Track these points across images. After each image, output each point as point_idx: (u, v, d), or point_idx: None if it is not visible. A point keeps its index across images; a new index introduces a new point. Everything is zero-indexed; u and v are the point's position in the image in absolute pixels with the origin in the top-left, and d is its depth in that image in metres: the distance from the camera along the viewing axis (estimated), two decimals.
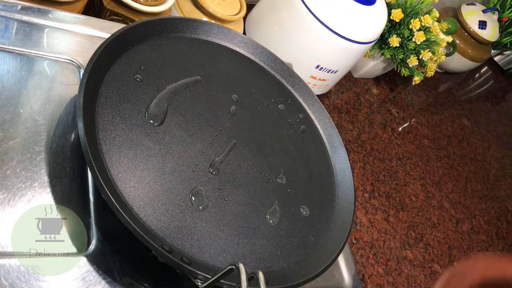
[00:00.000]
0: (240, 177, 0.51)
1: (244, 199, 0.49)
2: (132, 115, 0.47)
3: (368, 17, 0.77)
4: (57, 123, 0.48)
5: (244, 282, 0.33)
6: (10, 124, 0.44)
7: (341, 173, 0.62)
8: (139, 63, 0.52)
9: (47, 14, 0.54)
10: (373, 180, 0.91)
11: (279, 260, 0.48)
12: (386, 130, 1.05)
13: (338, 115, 0.99)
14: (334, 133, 0.65)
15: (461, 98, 1.37)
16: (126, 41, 0.51)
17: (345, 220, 0.55)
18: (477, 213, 1.03)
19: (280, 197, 0.53)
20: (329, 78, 0.85)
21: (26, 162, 0.43)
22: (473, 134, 1.25)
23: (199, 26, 0.61)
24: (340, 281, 0.58)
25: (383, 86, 1.16)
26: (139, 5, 0.64)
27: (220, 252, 0.44)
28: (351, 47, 0.77)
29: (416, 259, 0.83)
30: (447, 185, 1.03)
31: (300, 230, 0.52)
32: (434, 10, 0.95)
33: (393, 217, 0.87)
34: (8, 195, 0.40)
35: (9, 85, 0.47)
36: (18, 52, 0.50)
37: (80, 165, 0.46)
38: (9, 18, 0.51)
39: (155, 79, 0.52)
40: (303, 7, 0.73)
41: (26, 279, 0.38)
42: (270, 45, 0.69)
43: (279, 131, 0.61)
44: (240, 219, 0.48)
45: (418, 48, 0.95)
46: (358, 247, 0.77)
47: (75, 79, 0.52)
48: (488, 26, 1.25)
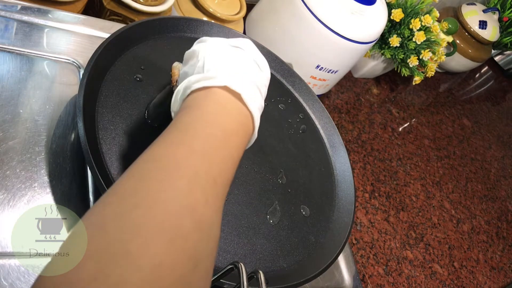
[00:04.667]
0: (240, 177, 0.51)
1: (244, 199, 0.49)
2: (132, 115, 0.47)
3: (368, 17, 0.77)
4: (57, 123, 0.48)
5: (244, 281, 0.33)
6: (10, 124, 0.44)
7: (341, 173, 0.62)
8: (139, 63, 0.52)
9: (47, 14, 0.54)
10: (374, 180, 0.91)
11: (279, 260, 0.48)
12: (387, 130, 1.05)
13: (338, 115, 0.99)
14: (335, 133, 0.65)
15: (461, 98, 1.37)
16: (126, 41, 0.51)
17: (345, 220, 0.55)
18: (478, 213, 1.02)
19: (280, 197, 0.53)
20: (329, 78, 0.85)
21: (26, 162, 0.43)
22: (473, 134, 1.25)
23: (199, 25, 0.61)
24: (340, 281, 0.57)
25: (383, 86, 1.16)
26: (139, 5, 0.63)
27: (220, 252, 0.44)
28: (351, 47, 0.77)
29: (416, 259, 0.83)
30: (448, 185, 1.03)
31: (300, 230, 0.52)
32: (435, 10, 0.95)
33: (394, 217, 0.87)
34: (8, 195, 0.40)
35: (9, 85, 0.47)
36: (18, 52, 0.50)
37: (80, 165, 0.46)
38: (9, 18, 0.51)
39: (155, 79, 0.52)
40: (303, 7, 0.73)
41: (26, 279, 0.37)
42: (270, 45, 0.69)
43: (279, 131, 0.61)
44: (240, 219, 0.47)
45: (419, 48, 0.94)
46: (359, 247, 0.77)
47: (75, 79, 0.52)
48: (489, 26, 1.25)
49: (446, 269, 0.86)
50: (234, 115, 0.33)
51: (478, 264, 0.92)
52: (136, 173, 0.27)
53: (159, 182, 0.26)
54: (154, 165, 0.28)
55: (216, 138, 0.31)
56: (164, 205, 0.25)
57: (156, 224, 0.23)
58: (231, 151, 0.32)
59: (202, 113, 0.32)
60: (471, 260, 0.91)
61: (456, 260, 0.89)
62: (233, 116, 0.33)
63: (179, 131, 0.31)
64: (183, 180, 0.26)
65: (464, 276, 0.87)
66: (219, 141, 0.31)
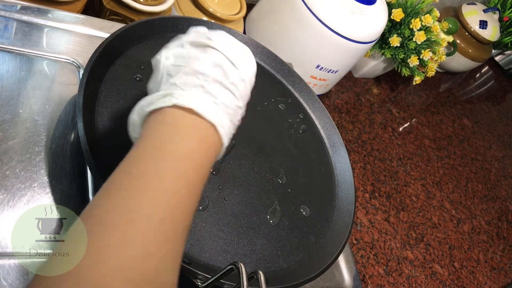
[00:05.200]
0: (240, 177, 0.51)
1: (244, 199, 0.49)
2: None
3: (368, 16, 0.77)
4: (57, 123, 0.47)
5: (244, 282, 0.33)
6: (10, 124, 0.44)
7: (341, 173, 0.61)
8: (139, 62, 0.52)
9: (47, 13, 0.54)
10: (374, 180, 0.91)
11: (279, 260, 0.47)
12: (387, 130, 1.05)
13: (339, 115, 0.98)
14: (335, 133, 0.65)
15: (461, 98, 1.37)
16: (126, 40, 0.51)
17: (345, 220, 0.55)
18: (478, 213, 1.02)
19: (280, 197, 0.53)
20: (330, 78, 0.85)
21: (26, 162, 0.43)
22: (473, 134, 1.25)
23: (199, 25, 0.61)
24: (341, 282, 0.57)
25: (383, 86, 1.16)
26: (139, 4, 0.63)
27: (220, 252, 0.44)
28: (352, 47, 0.77)
29: (416, 259, 0.83)
30: (448, 185, 1.03)
31: (300, 230, 0.52)
32: (435, 9, 0.95)
33: (394, 218, 0.86)
34: (7, 196, 0.40)
35: (9, 85, 0.47)
36: (18, 52, 0.50)
37: (80, 165, 0.46)
38: (8, 17, 0.51)
39: None
40: (303, 7, 0.73)
41: (26, 279, 0.37)
42: (270, 45, 0.69)
43: (279, 131, 0.60)
44: (240, 219, 0.47)
45: (419, 47, 0.94)
46: (359, 248, 0.77)
47: (75, 79, 0.52)
48: (489, 26, 1.25)
49: (447, 269, 0.86)
50: (189, 135, 0.31)
51: (479, 264, 0.92)
52: (77, 230, 0.26)
53: (98, 237, 0.25)
54: (90, 220, 0.26)
55: (167, 168, 0.29)
56: (102, 264, 0.24)
57: (97, 281, 0.23)
58: (186, 176, 0.30)
59: (151, 141, 0.30)
60: (471, 260, 0.91)
61: (456, 260, 0.89)
62: (188, 136, 0.31)
63: (125, 170, 0.29)
64: (115, 237, 0.25)
65: (464, 276, 0.87)
66: (170, 171, 0.29)
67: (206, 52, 0.35)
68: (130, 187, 0.27)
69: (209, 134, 0.33)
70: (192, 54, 0.35)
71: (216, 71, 0.34)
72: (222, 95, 0.34)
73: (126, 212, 0.26)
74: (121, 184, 0.28)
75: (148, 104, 0.33)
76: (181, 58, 0.35)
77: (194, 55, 0.35)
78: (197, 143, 0.32)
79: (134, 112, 0.34)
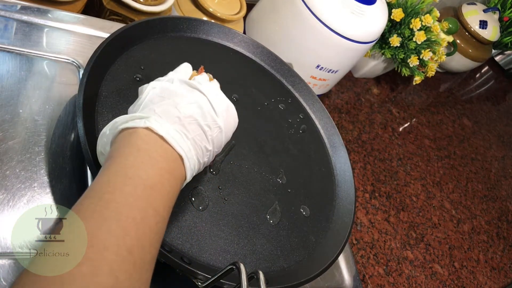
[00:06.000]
0: (240, 177, 0.51)
1: (244, 199, 0.49)
2: None
3: (368, 16, 0.77)
4: (57, 123, 0.47)
5: (244, 282, 0.33)
6: (10, 124, 0.44)
7: (341, 173, 0.61)
8: (139, 62, 0.52)
9: (47, 13, 0.54)
10: (374, 180, 0.91)
11: (279, 260, 0.47)
12: (387, 130, 1.05)
13: (339, 115, 0.98)
14: (335, 133, 0.65)
15: (461, 98, 1.37)
16: (126, 40, 0.51)
17: (345, 220, 0.55)
18: (478, 213, 1.02)
19: (280, 197, 0.53)
20: (330, 78, 0.85)
21: (26, 162, 0.43)
22: (474, 134, 1.25)
23: (199, 25, 0.61)
24: (341, 282, 0.57)
25: (383, 86, 1.16)
26: (139, 4, 0.63)
27: (220, 252, 0.44)
28: (352, 47, 0.77)
29: (416, 259, 0.83)
30: (448, 185, 1.03)
31: (300, 230, 0.52)
32: (435, 9, 0.95)
33: (394, 218, 0.86)
34: (7, 196, 0.40)
35: (9, 85, 0.47)
36: (18, 52, 0.50)
37: (80, 165, 0.46)
38: (8, 17, 0.51)
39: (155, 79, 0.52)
40: (303, 7, 0.73)
41: None
42: (270, 45, 0.69)
43: (279, 131, 0.60)
44: (240, 219, 0.47)
45: (419, 47, 0.94)
46: (359, 248, 0.77)
47: (75, 79, 0.52)
48: (489, 26, 1.25)
49: (447, 269, 0.86)
50: (159, 164, 0.32)
51: (479, 264, 0.92)
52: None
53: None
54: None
55: (136, 196, 0.29)
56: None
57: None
58: (154, 205, 0.30)
59: (122, 166, 0.31)
60: (471, 260, 0.91)
61: (456, 260, 0.89)
62: (158, 166, 0.32)
63: (95, 196, 0.29)
64: (85, 265, 0.25)
65: (464, 276, 0.87)
66: (139, 200, 0.29)
67: (192, 92, 0.37)
68: (100, 215, 0.28)
69: (177, 166, 0.34)
70: (179, 91, 0.36)
71: (196, 109, 0.36)
72: (194, 132, 0.35)
73: (97, 242, 0.26)
74: (92, 211, 0.28)
75: (122, 122, 0.34)
76: (167, 91, 0.36)
77: (181, 92, 0.36)
78: (166, 174, 0.32)
79: (107, 127, 0.35)
